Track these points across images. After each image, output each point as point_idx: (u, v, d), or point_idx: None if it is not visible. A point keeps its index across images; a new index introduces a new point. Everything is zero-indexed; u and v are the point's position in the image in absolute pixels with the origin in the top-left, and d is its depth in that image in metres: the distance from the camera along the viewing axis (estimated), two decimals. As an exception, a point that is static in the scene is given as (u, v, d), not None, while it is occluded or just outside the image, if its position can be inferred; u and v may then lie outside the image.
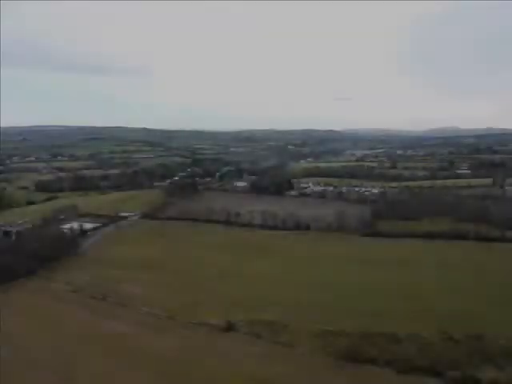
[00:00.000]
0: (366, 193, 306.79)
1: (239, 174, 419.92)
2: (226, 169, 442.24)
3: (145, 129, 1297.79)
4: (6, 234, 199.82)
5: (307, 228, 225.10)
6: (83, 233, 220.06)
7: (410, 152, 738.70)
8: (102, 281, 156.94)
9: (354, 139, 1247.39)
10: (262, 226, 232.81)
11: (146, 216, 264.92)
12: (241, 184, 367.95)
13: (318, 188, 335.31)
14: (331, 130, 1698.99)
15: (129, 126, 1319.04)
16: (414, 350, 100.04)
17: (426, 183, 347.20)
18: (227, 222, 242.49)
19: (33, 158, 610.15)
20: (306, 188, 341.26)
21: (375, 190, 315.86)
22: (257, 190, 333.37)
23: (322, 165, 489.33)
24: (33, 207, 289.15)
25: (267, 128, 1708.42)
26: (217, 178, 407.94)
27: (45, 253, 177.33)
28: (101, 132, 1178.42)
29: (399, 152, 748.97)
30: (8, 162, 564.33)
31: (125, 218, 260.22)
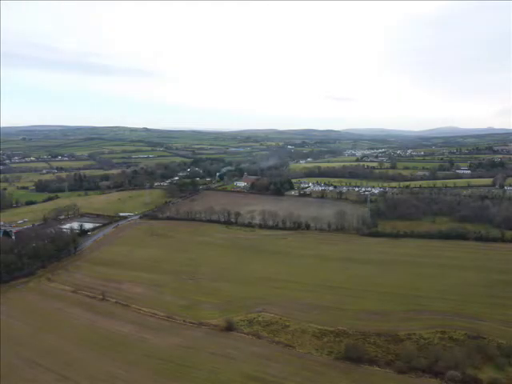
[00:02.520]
0: (366, 192, 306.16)
1: (239, 173, 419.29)
2: (225, 169, 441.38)
3: (145, 129, 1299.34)
4: (6, 233, 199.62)
5: (307, 228, 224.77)
6: (83, 233, 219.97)
7: (410, 152, 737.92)
8: (102, 281, 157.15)
9: (354, 139, 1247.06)
10: (262, 226, 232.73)
11: (146, 216, 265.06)
12: (241, 184, 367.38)
13: (318, 188, 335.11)
14: (331, 130, 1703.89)
15: (129, 126, 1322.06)
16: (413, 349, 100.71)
17: (427, 183, 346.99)
18: (227, 222, 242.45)
19: (33, 158, 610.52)
20: (306, 188, 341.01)
21: (375, 190, 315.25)
22: (257, 189, 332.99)
23: (322, 165, 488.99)
24: (33, 207, 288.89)
25: (267, 128, 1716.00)
26: (216, 178, 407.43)
27: (45, 253, 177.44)
28: (101, 132, 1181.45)
29: (399, 152, 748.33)
30: (8, 161, 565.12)
31: (125, 217, 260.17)
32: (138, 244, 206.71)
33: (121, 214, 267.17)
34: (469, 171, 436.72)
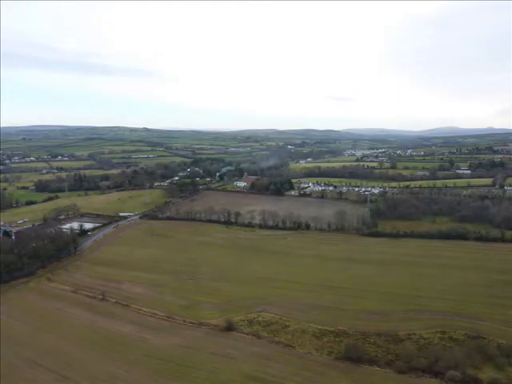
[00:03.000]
0: (366, 192, 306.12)
1: (239, 173, 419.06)
2: (225, 169, 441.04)
3: (145, 129, 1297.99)
4: (6, 233, 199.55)
5: (307, 228, 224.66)
6: (83, 233, 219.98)
7: (410, 152, 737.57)
8: (102, 281, 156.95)
9: (354, 139, 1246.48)
10: (262, 226, 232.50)
11: (146, 216, 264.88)
12: (241, 184, 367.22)
13: (318, 188, 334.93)
14: (331, 130, 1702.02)
15: (129, 126, 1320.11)
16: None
17: (427, 183, 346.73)
18: (227, 222, 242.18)
19: (33, 158, 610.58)
20: (306, 188, 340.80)
21: (375, 190, 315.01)
22: (257, 189, 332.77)
23: (322, 165, 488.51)
24: (33, 207, 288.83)
25: (267, 128, 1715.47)
26: (217, 178, 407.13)
27: (45, 253, 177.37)
28: (101, 132, 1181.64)
29: (399, 152, 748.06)
30: (8, 161, 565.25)
31: (125, 217, 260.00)
32: (138, 244, 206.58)
33: (121, 214, 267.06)
34: (469, 171, 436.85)
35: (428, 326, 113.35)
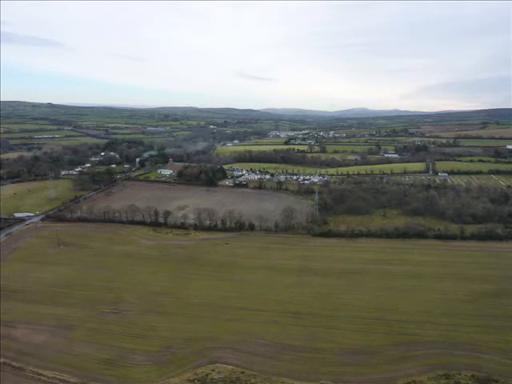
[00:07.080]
0: (306, 182, 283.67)
1: (163, 159, 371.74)
2: (147, 154, 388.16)
3: (50, 104, 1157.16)
4: None
5: (251, 228, 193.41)
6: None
7: (332, 134, 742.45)
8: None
9: (274, 119, 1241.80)
10: (198, 227, 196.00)
11: (50, 217, 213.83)
12: (166, 172, 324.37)
13: (254, 176, 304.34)
14: (251, 110, 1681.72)
15: (31, 101, 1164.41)
16: None
17: (359, 169, 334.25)
18: (155, 224, 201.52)
19: None
20: (240, 176, 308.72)
21: (315, 179, 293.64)
22: (186, 179, 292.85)
23: (253, 148, 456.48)
24: None
25: (186, 106, 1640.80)
26: (137, 165, 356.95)
27: None
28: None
29: (322, 134, 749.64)
30: None
31: (22, 220, 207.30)
32: (40, 260, 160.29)
33: (17, 215, 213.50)
34: (396, 155, 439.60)
35: (427, 368, 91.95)
